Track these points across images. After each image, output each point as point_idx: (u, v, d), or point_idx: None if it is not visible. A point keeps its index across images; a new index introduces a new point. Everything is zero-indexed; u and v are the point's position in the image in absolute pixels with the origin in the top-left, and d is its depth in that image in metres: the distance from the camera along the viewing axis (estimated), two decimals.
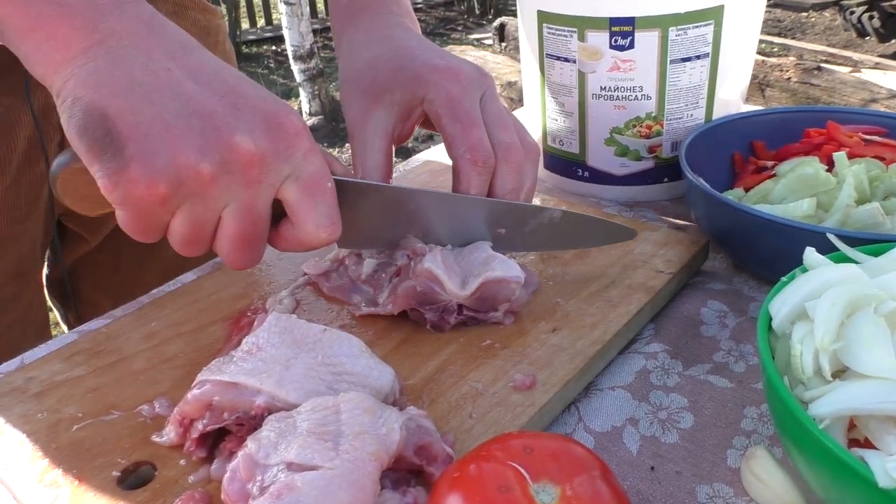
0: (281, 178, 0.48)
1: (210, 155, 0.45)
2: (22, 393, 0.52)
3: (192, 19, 0.81)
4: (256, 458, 0.40)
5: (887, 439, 0.37)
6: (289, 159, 0.48)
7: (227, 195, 0.47)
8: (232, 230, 0.48)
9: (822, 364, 0.40)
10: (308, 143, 0.49)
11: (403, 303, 0.55)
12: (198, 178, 0.45)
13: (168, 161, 0.44)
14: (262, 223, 0.49)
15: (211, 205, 0.47)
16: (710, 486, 0.45)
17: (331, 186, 0.50)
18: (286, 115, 0.48)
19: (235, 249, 0.49)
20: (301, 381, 0.45)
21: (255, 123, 0.46)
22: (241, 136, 0.45)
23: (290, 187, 0.49)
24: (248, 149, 0.46)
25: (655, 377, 0.53)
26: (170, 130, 0.44)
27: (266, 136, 0.46)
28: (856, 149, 0.69)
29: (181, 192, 0.45)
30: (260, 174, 0.47)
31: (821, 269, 0.45)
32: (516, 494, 0.35)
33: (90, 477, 0.44)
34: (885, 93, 3.05)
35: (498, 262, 0.56)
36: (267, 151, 0.46)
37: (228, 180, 0.46)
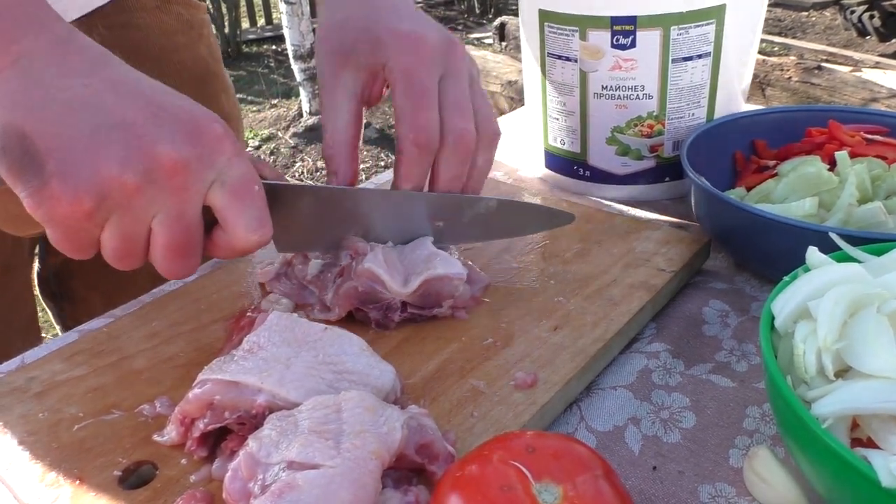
0: (207, 183, 0.48)
1: (133, 165, 0.44)
2: (23, 393, 0.51)
3: (175, 13, 0.82)
4: (258, 457, 0.40)
5: (891, 439, 0.37)
6: (213, 165, 0.48)
7: (155, 205, 0.47)
8: (164, 240, 0.48)
9: (825, 363, 0.40)
10: (231, 147, 0.49)
11: (346, 304, 0.55)
12: (122, 189, 0.45)
13: (90, 175, 0.44)
14: (193, 231, 0.49)
15: (139, 216, 0.47)
16: (712, 486, 0.45)
17: (258, 189, 0.50)
18: (208, 121, 0.48)
19: (170, 259, 0.49)
20: (302, 380, 0.45)
21: (176, 131, 0.46)
22: (163, 145, 0.45)
23: (217, 192, 0.48)
24: (171, 156, 0.45)
25: (657, 376, 0.53)
26: (90, 144, 0.44)
27: (188, 143, 0.46)
28: (857, 148, 0.69)
29: (106, 206, 0.45)
30: (185, 181, 0.46)
31: (823, 269, 0.45)
32: (518, 494, 0.35)
33: (91, 476, 0.44)
34: (885, 92, 3.04)
35: (440, 259, 0.56)
36: (190, 158, 0.46)
37: (154, 190, 0.46)
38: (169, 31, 0.81)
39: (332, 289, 0.57)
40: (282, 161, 3.99)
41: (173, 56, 0.82)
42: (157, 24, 0.80)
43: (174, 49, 0.82)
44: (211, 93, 0.87)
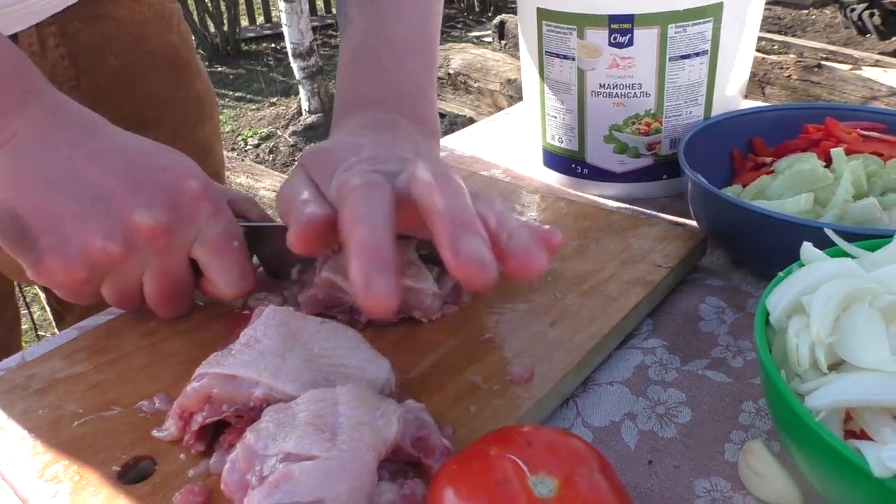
0: (189, 241, 0.52)
1: (115, 237, 0.48)
2: (23, 390, 0.52)
3: (146, 3, 0.83)
4: (255, 449, 0.41)
5: (883, 430, 0.37)
6: (192, 225, 0.51)
7: (141, 265, 0.52)
8: (154, 292, 0.53)
9: (818, 357, 0.40)
10: (209, 206, 0.52)
11: (310, 310, 0.55)
12: (108, 259, 0.49)
13: (79, 248, 0.48)
14: (180, 283, 0.54)
15: (129, 275, 0.52)
16: (707, 480, 0.45)
17: (237, 245, 0.54)
18: (187, 181, 0.51)
19: (162, 306, 0.55)
20: (298, 373, 0.46)
21: (154, 197, 0.50)
22: (140, 214, 0.49)
23: (198, 249, 0.53)
24: (150, 224, 0.49)
25: (653, 372, 0.54)
26: (76, 219, 0.48)
27: (166, 209, 0.50)
28: (854, 145, 0.69)
29: (98, 272, 0.50)
30: (165, 244, 0.51)
31: (817, 264, 0.46)
32: (514, 487, 0.35)
33: (91, 472, 0.45)
34: (885, 90, 3.04)
35: (412, 270, 0.56)
36: (168, 223, 0.50)
37: (138, 255, 0.50)
38: (140, 20, 0.82)
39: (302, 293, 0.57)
40: (281, 159, 3.99)
41: (145, 45, 0.83)
42: (128, 14, 0.81)
43: (146, 37, 0.83)
44: (185, 78, 0.89)
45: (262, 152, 4.07)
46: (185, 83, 0.89)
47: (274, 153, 4.06)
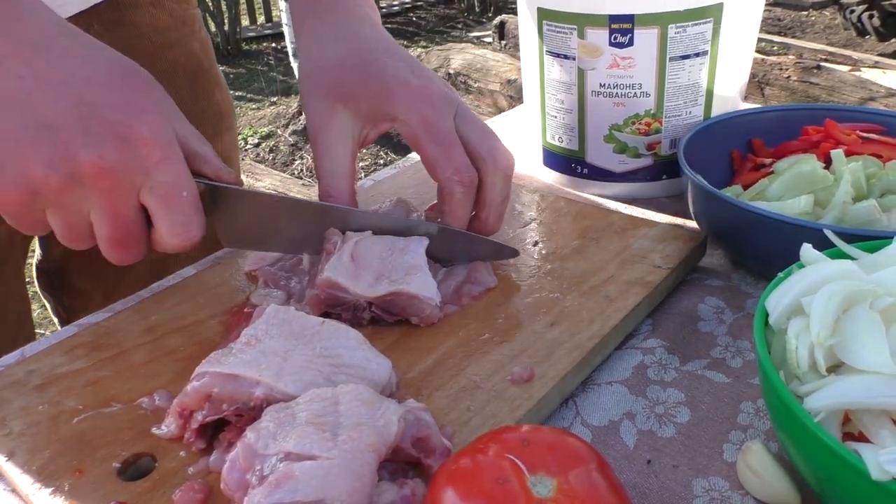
0: (136, 186, 0.50)
1: (58, 168, 0.47)
2: (23, 386, 0.52)
3: (168, 10, 0.82)
4: (255, 448, 0.41)
5: (881, 433, 0.37)
6: (140, 170, 0.49)
7: (86, 202, 0.49)
8: (103, 233, 0.51)
9: (818, 359, 0.40)
10: (159, 152, 0.50)
11: (314, 310, 0.55)
12: (48, 188, 0.48)
13: (18, 173, 0.47)
14: (132, 226, 0.51)
15: (72, 209, 0.50)
16: (706, 480, 0.45)
17: (186, 195, 0.51)
18: (137, 125, 0.49)
19: (112, 249, 0.52)
20: (299, 373, 0.46)
21: (102, 136, 0.48)
22: (86, 152, 0.47)
23: (146, 196, 0.51)
24: (95, 162, 0.47)
25: (653, 372, 0.54)
26: (18, 143, 0.47)
27: (114, 149, 0.48)
28: (853, 146, 0.69)
29: (39, 200, 0.48)
30: (111, 184, 0.49)
31: (817, 266, 0.46)
32: (513, 486, 0.35)
33: (91, 468, 0.45)
34: (883, 91, 3.05)
35: (418, 276, 0.55)
36: (115, 164, 0.48)
37: (81, 190, 0.49)
38: (161, 27, 0.81)
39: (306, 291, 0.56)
40: (281, 158, 3.99)
41: (167, 53, 0.82)
42: (149, 20, 0.80)
43: (168, 46, 0.82)
44: (204, 89, 0.88)
45: (263, 151, 4.07)
46: (205, 94, 0.88)
47: (274, 152, 4.06)
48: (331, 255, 0.55)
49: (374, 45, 0.63)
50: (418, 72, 0.61)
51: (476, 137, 0.59)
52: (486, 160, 0.59)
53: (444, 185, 0.59)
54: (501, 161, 0.60)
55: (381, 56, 0.61)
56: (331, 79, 0.61)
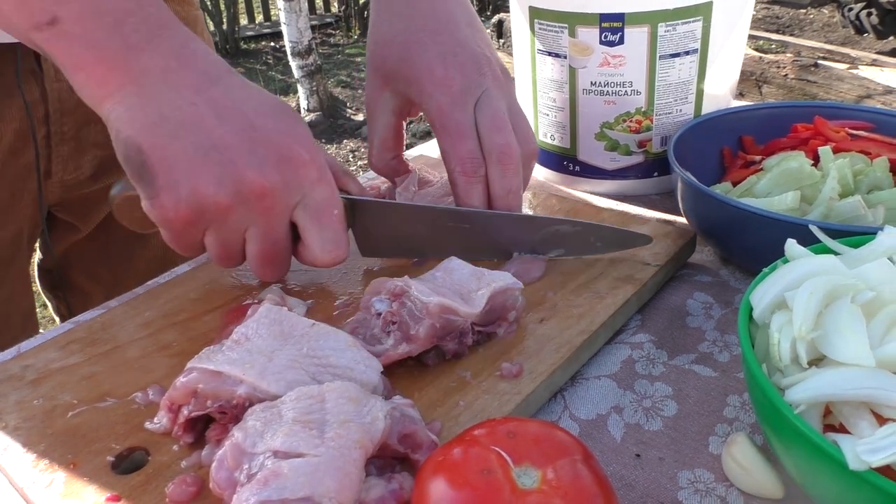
0: (292, 205, 0.54)
1: (226, 187, 0.51)
2: (18, 380, 0.52)
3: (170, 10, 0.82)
4: (243, 447, 0.41)
5: (860, 424, 0.38)
6: (298, 189, 0.53)
7: (246, 220, 0.53)
8: (255, 250, 0.55)
9: (800, 352, 0.41)
10: (316, 173, 0.54)
11: (427, 344, 0.51)
12: (216, 206, 0.51)
13: (190, 191, 0.50)
14: (281, 245, 0.55)
15: (232, 227, 0.53)
16: (691, 472, 0.46)
17: (337, 213, 0.55)
18: (298, 147, 0.53)
19: (261, 266, 0.56)
20: (283, 373, 0.46)
21: (267, 157, 0.52)
22: (253, 171, 0.51)
23: (299, 214, 0.54)
24: (260, 182, 0.51)
25: (641, 366, 0.54)
26: (192, 163, 0.50)
27: (276, 170, 0.52)
28: (842, 143, 0.70)
29: (205, 217, 0.52)
30: (272, 204, 0.52)
31: (801, 261, 0.46)
32: (498, 477, 0.36)
33: (85, 462, 0.45)
34: (880, 89, 3.05)
35: (489, 274, 0.55)
36: (277, 184, 0.52)
37: (244, 209, 0.52)
38: None
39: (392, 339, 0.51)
40: None
41: None
42: None
43: None
44: None
45: None
46: None
47: None
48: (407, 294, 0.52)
49: (428, 23, 0.64)
50: (451, 58, 0.62)
51: (486, 130, 0.60)
52: (490, 153, 0.60)
53: (450, 176, 0.62)
54: (506, 156, 0.60)
55: (426, 37, 0.63)
56: (378, 58, 0.66)
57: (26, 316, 0.89)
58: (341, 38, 6.14)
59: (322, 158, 0.55)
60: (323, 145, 4.07)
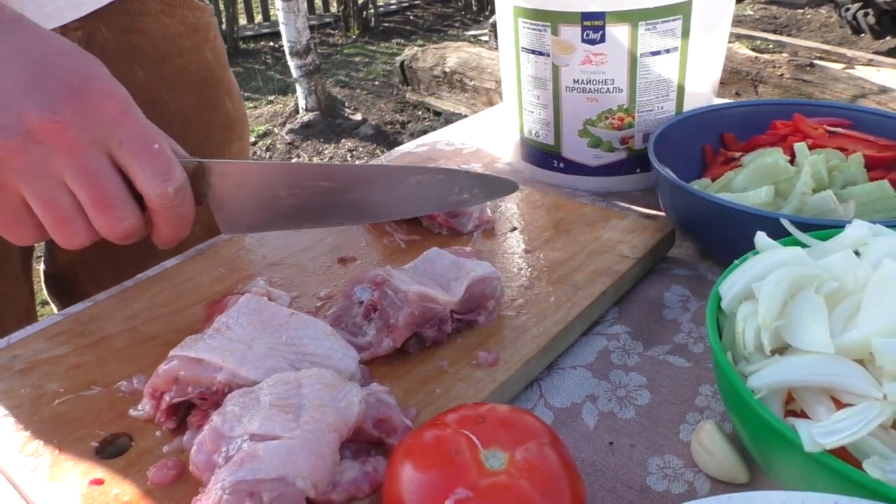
0: (97, 139, 0.50)
1: (12, 129, 0.47)
2: (6, 370, 0.54)
3: (180, 17, 0.82)
4: (221, 431, 0.42)
5: (818, 409, 0.39)
6: (99, 123, 0.49)
7: (54, 165, 0.49)
8: (85, 196, 0.50)
9: (763, 340, 0.42)
10: (119, 106, 0.50)
11: (406, 332, 0.52)
12: (7, 151, 0.48)
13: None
14: (107, 183, 0.51)
15: (42, 176, 0.49)
16: (661, 458, 0.47)
17: (158, 147, 0.51)
18: (94, 80, 0.50)
19: (99, 215, 0.51)
20: (262, 360, 0.47)
21: (56, 93, 0.48)
22: (39, 109, 0.48)
23: (117, 153, 0.51)
24: (47, 117, 0.48)
25: (616, 357, 0.55)
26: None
27: (69, 104, 0.48)
28: (820, 140, 0.71)
29: (3, 169, 0.48)
30: (72, 139, 0.49)
31: (769, 252, 0.47)
32: (465, 459, 0.37)
33: (70, 447, 0.46)
34: (875, 88, 3.07)
35: (469, 263, 0.56)
36: (70, 118, 0.48)
37: (43, 150, 0.49)
38: (173, 34, 0.81)
39: (373, 326, 0.53)
40: (278, 157, 4.01)
41: (176, 61, 0.82)
42: (160, 28, 0.80)
43: (178, 53, 0.82)
44: (213, 97, 0.87)
45: (260, 150, 4.08)
46: (213, 103, 0.87)
47: (271, 150, 4.07)
48: (388, 283, 0.53)
49: None
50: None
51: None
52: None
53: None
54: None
55: None
56: None
57: (22, 318, 0.89)
58: (340, 38, 6.15)
59: (125, 94, 0.51)
60: (321, 145, 4.08)
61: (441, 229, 0.69)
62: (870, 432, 0.36)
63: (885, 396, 0.37)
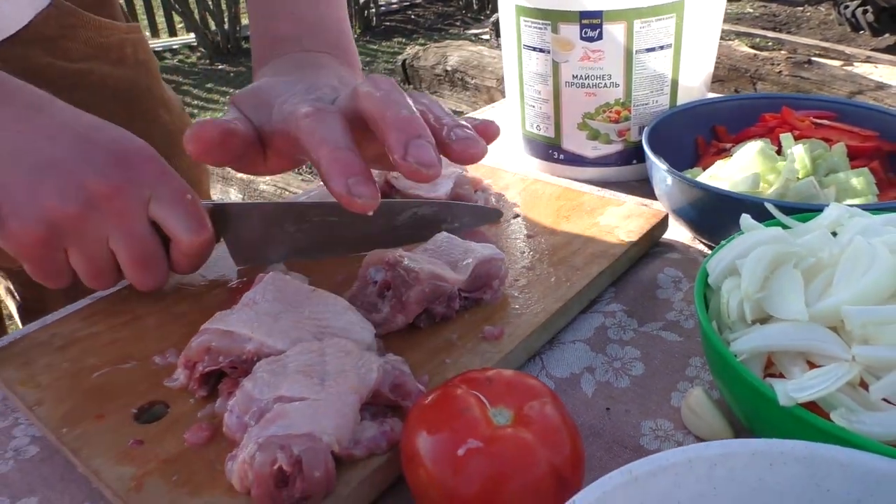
0: (144, 200, 0.55)
1: (71, 196, 0.52)
2: (47, 346, 0.58)
3: (83, 39, 0.80)
4: (253, 395, 0.47)
5: (794, 370, 0.43)
6: (144, 183, 0.54)
7: (103, 227, 0.54)
8: (125, 256, 0.55)
9: (746, 310, 0.46)
10: (158, 166, 0.56)
11: (418, 308, 0.56)
12: (65, 217, 0.52)
13: (36, 209, 0.52)
14: (149, 244, 0.56)
15: (92, 238, 0.54)
16: (653, 422, 0.51)
17: (191, 198, 0.56)
18: (134, 148, 0.55)
19: (137, 271, 0.57)
20: (288, 331, 0.51)
21: (104, 162, 0.53)
22: (93, 176, 0.52)
23: (154, 207, 0.55)
24: (103, 184, 0.52)
25: (612, 332, 0.60)
26: (31, 184, 0.52)
27: (116, 171, 0.53)
28: (806, 131, 0.75)
29: (59, 233, 0.53)
30: (122, 203, 0.53)
31: (753, 232, 0.52)
32: (475, 415, 0.41)
33: (111, 413, 0.51)
34: (872, 85, 3.11)
35: (478, 246, 0.61)
36: (121, 182, 0.53)
37: (97, 215, 0.53)
38: (78, 57, 0.80)
39: (387, 304, 0.57)
40: None
41: (87, 79, 0.80)
42: (62, 52, 0.78)
43: (87, 73, 0.80)
44: (144, 110, 0.87)
45: None
46: (143, 115, 0.86)
47: None
48: (402, 262, 0.57)
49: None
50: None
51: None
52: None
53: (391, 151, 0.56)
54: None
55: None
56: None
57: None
58: None
59: (155, 153, 0.56)
60: None
61: None
62: (839, 389, 0.40)
63: (854, 357, 0.41)
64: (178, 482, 0.45)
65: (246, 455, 0.42)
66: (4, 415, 0.55)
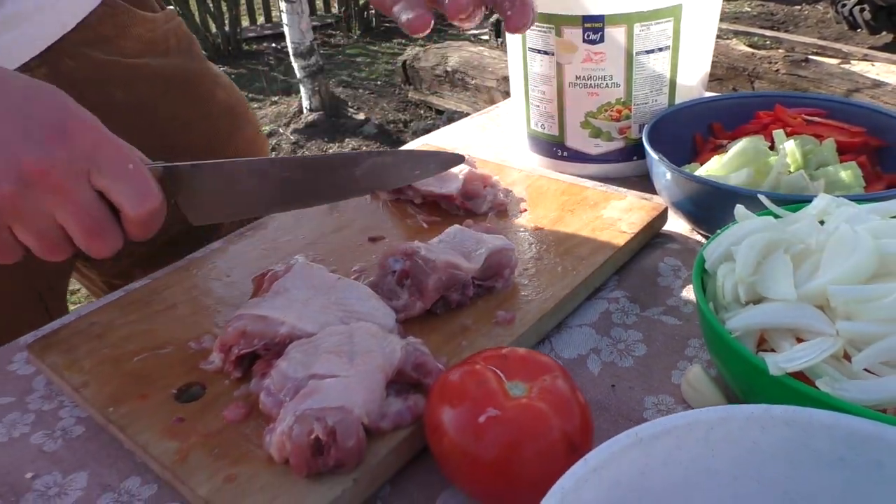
0: (84, 172, 0.52)
1: (7, 176, 0.51)
2: (86, 334, 0.62)
3: (135, 36, 0.82)
4: (287, 373, 0.51)
5: (784, 345, 0.47)
6: (82, 157, 0.52)
7: (47, 204, 0.52)
8: (74, 228, 0.54)
9: (740, 292, 0.50)
10: (97, 135, 0.53)
11: (435, 296, 0.60)
12: (3, 199, 0.51)
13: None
14: (96, 214, 0.54)
15: (34, 215, 0.52)
16: (655, 397, 0.55)
17: (133, 167, 0.54)
18: (67, 116, 0.53)
19: (88, 241, 0.54)
20: (317, 316, 0.55)
21: (42, 137, 0.51)
22: (28, 153, 0.51)
23: (97, 178, 0.53)
24: (38, 159, 0.51)
25: (616, 317, 0.64)
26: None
27: (55, 145, 0.52)
28: (798, 128, 0.79)
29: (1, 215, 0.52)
30: (60, 179, 0.52)
31: (747, 222, 0.56)
32: (493, 387, 0.45)
33: (153, 394, 0.55)
34: (869, 83, 3.15)
35: (489, 237, 0.65)
36: (57, 157, 0.51)
37: (36, 193, 0.51)
38: (132, 53, 0.83)
39: (405, 291, 0.61)
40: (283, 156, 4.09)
41: (143, 71, 0.83)
42: (118, 50, 0.81)
43: (142, 66, 0.83)
44: (200, 93, 0.90)
45: None
46: (205, 96, 0.90)
47: (276, 150, 4.16)
48: (418, 252, 0.60)
49: None
50: None
51: None
52: None
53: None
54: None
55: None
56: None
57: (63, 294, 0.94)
58: (342, 39, 6.24)
59: (94, 120, 0.54)
60: (326, 144, 4.16)
61: (458, 211, 0.77)
62: (824, 360, 0.44)
63: (838, 332, 0.45)
64: (218, 454, 0.49)
65: (284, 427, 0.46)
66: (50, 398, 0.59)
